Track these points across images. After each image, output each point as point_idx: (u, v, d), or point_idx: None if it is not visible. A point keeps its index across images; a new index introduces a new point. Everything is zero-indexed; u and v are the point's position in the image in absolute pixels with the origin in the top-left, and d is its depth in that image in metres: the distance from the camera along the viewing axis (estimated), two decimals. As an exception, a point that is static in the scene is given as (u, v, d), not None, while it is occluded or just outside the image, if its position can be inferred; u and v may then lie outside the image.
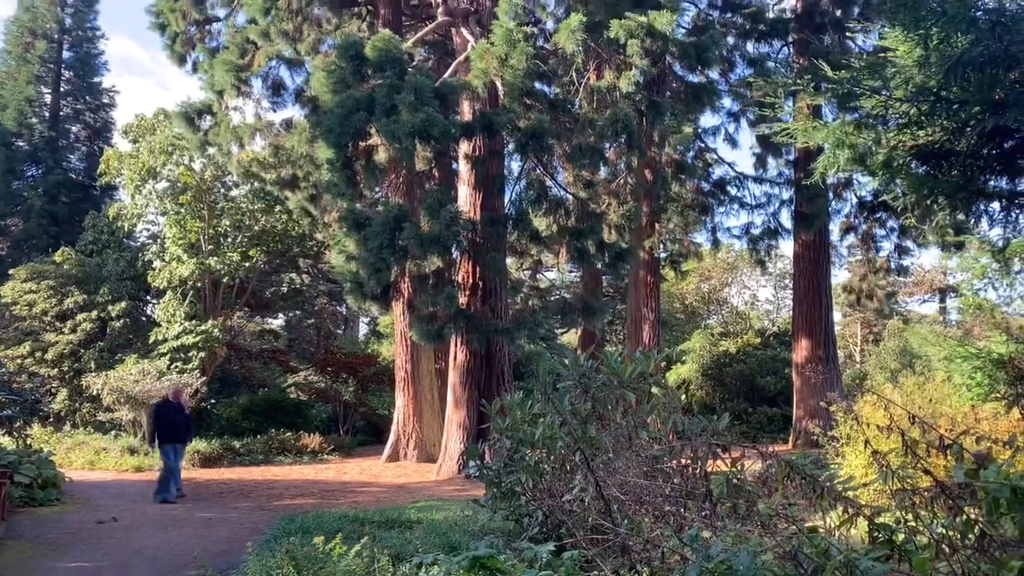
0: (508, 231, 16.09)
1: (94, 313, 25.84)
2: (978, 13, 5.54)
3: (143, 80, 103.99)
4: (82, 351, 25.24)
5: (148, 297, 28.24)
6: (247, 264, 25.23)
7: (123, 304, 25.90)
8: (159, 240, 26.03)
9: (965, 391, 9.44)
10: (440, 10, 17.72)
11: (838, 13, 20.23)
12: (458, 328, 15.25)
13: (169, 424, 13.46)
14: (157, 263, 24.92)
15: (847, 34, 18.66)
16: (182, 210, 24.29)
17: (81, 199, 35.98)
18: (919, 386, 10.48)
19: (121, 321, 25.90)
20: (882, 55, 6.92)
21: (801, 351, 21.89)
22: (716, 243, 24.63)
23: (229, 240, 25.30)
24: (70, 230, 33.18)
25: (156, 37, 20.16)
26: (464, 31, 16.62)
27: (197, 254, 24.33)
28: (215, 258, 24.27)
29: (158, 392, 20.05)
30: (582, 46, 14.40)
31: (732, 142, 23.40)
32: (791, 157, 22.26)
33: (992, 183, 6.85)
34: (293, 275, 31.96)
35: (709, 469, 4.59)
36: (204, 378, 22.90)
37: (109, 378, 20.80)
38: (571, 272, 35.25)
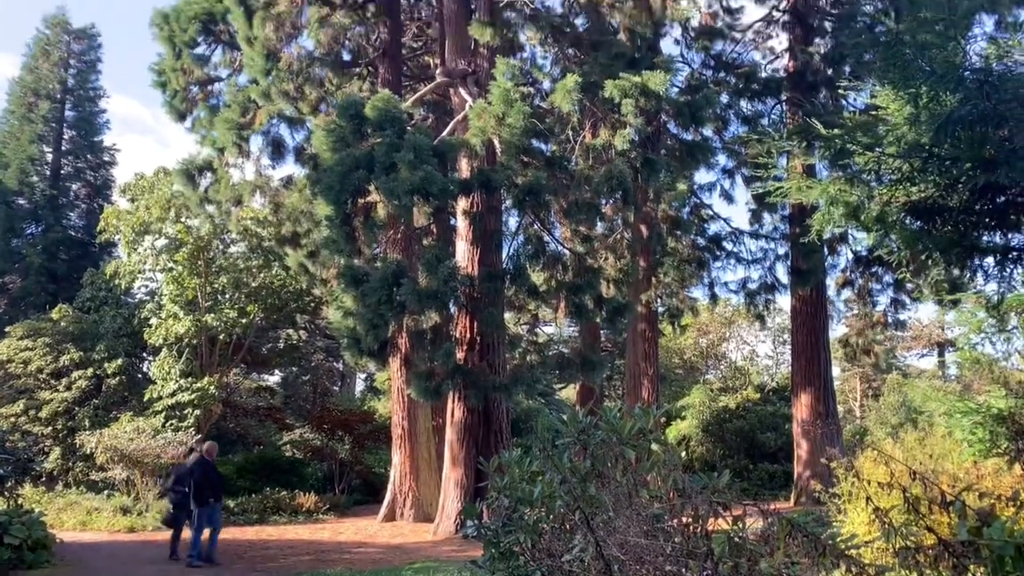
0: (506, 286, 16.14)
1: (90, 370, 25.72)
2: (966, 73, 5.66)
3: (144, 138, 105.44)
4: (76, 409, 25.05)
5: (144, 354, 28.13)
6: (244, 320, 25.21)
7: (119, 361, 25.80)
8: (156, 297, 26.06)
9: (966, 447, 9.37)
10: (439, 71, 18.07)
11: (829, 72, 20.64)
12: (456, 384, 15.18)
13: (213, 483, 13.47)
14: (154, 320, 24.90)
15: (839, 92, 19.01)
16: (179, 267, 24.37)
17: (80, 256, 36.13)
18: (920, 441, 10.39)
19: (117, 378, 25.77)
20: (873, 113, 7.04)
21: (801, 406, 21.77)
22: (714, 297, 24.69)
23: (227, 296, 25.33)
24: (68, 287, 33.24)
25: (158, 96, 20.53)
26: (462, 91, 16.91)
27: (194, 311, 24.33)
28: (212, 315, 24.26)
29: (152, 450, 19.85)
30: (578, 105, 14.65)
31: (728, 198, 23.65)
32: (786, 212, 22.46)
33: (985, 238, 6.91)
34: (290, 331, 31.91)
35: (710, 528, 4.53)
36: (199, 436, 22.68)
37: (103, 436, 20.60)
38: (569, 327, 35.25)
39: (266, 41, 16.90)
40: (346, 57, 20.35)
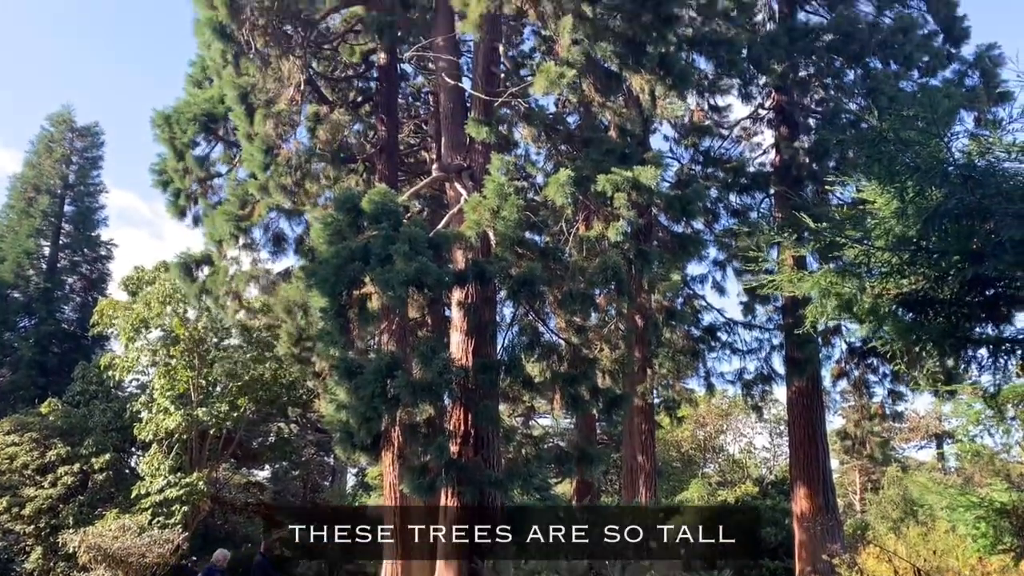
0: (501, 378, 16.02)
1: (76, 466, 25.23)
2: (950, 168, 5.81)
3: (139, 231, 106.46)
4: (61, 506, 24.46)
5: (133, 449, 27.68)
6: (235, 414, 24.93)
7: (107, 456, 25.35)
8: (148, 390, 25.84)
9: (971, 542, 9.17)
10: (435, 166, 18.43)
11: (815, 166, 21.10)
12: (450, 479, 14.88)
13: None
14: (144, 414, 24.60)
15: (825, 186, 19.42)
16: (173, 360, 24.27)
17: (72, 349, 36.00)
18: (923, 537, 10.18)
19: (104, 474, 25.26)
20: (860, 207, 7.18)
21: (800, 500, 21.38)
22: (710, 388, 24.54)
23: (219, 389, 25.13)
24: (59, 381, 32.96)
25: (155, 189, 20.72)
26: (457, 185, 17.20)
27: (185, 404, 24.08)
28: (203, 408, 24.01)
29: (137, 549, 19.34)
30: (571, 199, 14.86)
31: (720, 290, 23.81)
32: (779, 303, 22.59)
33: (978, 330, 6.94)
34: (281, 424, 31.52)
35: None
36: (186, 533, 22.09)
37: (87, 534, 20.06)
38: (565, 419, 34.86)
39: (266, 138, 17.28)
40: (344, 153, 20.78)
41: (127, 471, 27.21)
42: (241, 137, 17.79)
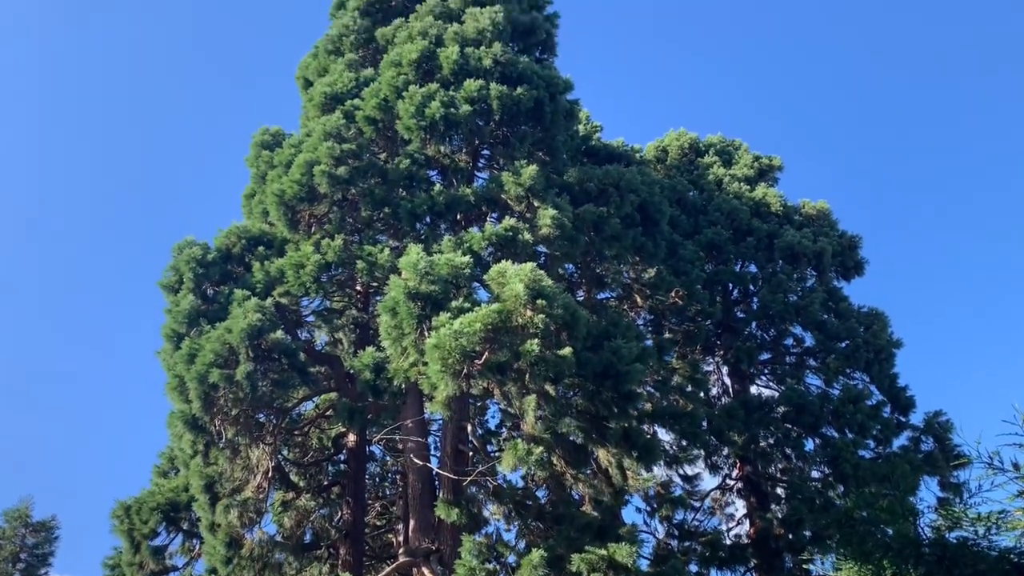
0: None
1: None
2: (924, 549, 5.75)
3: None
4: None
5: None
6: None
7: None
8: None
9: None
10: (402, 551, 17.85)
11: (791, 536, 20.73)
12: None
13: None
14: None
15: (803, 564, 18.94)
16: None
17: None
18: None
19: None
20: (843, 585, 6.94)
21: None
22: None
23: None
24: None
25: None
26: (425, 570, 16.52)
27: None
28: None
29: None
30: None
31: None
32: None
33: None
34: None
35: None
36: None
37: None
38: None
39: (229, 528, 16.78)
40: (308, 539, 20.13)
41: None
42: (203, 529, 17.29)
